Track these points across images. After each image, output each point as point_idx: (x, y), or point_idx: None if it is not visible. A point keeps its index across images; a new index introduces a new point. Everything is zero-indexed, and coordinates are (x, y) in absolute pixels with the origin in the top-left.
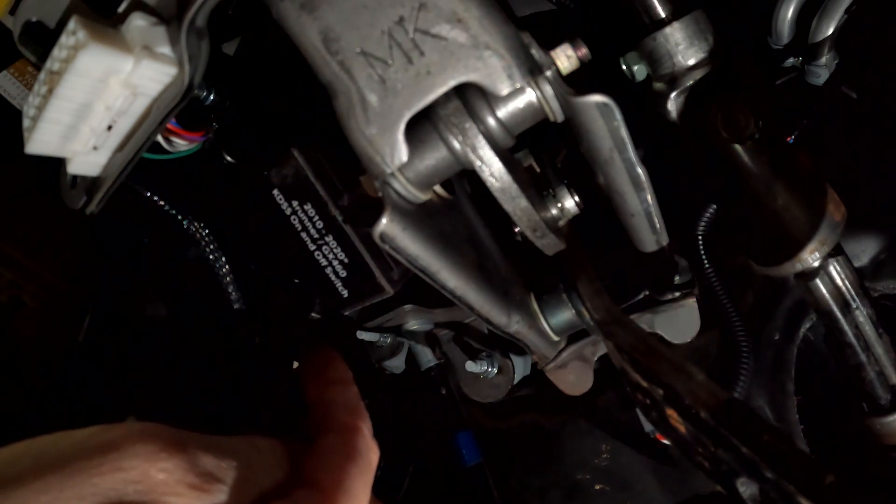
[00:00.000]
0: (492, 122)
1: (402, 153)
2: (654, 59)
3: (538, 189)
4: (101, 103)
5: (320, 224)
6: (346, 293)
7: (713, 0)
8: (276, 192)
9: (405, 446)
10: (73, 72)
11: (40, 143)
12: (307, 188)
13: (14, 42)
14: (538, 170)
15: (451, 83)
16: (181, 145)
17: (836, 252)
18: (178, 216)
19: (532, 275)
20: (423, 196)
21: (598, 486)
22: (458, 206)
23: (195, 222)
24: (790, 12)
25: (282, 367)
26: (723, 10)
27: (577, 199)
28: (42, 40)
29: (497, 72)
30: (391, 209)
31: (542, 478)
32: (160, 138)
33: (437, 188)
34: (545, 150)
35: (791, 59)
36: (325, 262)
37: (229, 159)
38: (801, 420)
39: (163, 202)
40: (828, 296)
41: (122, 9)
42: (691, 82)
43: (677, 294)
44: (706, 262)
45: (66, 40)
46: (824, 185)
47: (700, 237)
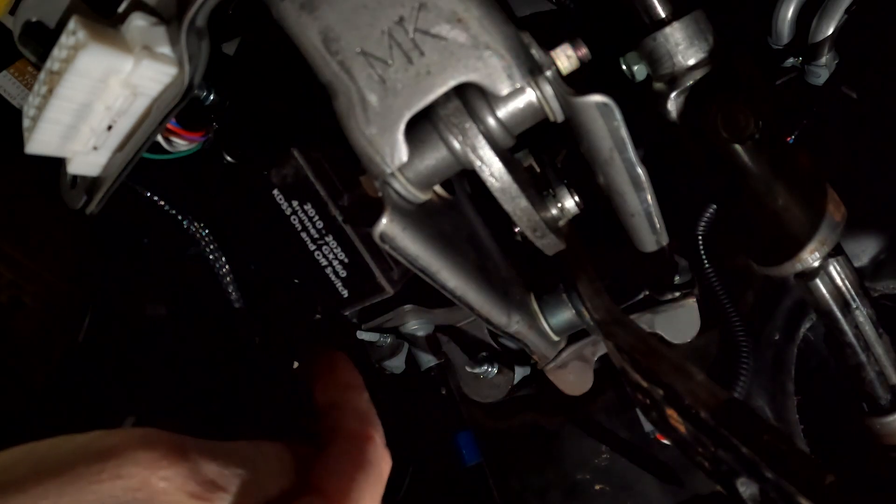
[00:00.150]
0: (492, 122)
1: (402, 153)
2: (654, 59)
3: (538, 189)
4: (101, 103)
5: (320, 224)
6: (346, 293)
7: (713, 0)
8: (276, 192)
9: (405, 446)
10: (73, 72)
11: (40, 143)
12: (307, 188)
13: (14, 42)
14: (538, 170)
15: (451, 83)
16: (181, 145)
17: (836, 252)
18: (178, 216)
19: (532, 275)
20: (423, 196)
21: (598, 486)
22: (458, 206)
23: (195, 222)
24: (790, 12)
25: (282, 367)
26: (723, 10)
27: (577, 199)
28: (42, 40)
29: (497, 72)
30: (391, 209)
31: (542, 478)
32: (160, 138)
33: (437, 188)
34: (545, 150)
35: (791, 59)
36: (325, 262)
37: (229, 159)
38: (801, 420)
39: (163, 202)
40: (828, 296)
41: (122, 9)
42: (691, 82)
43: (677, 294)
44: (706, 262)
45: (66, 40)
46: (824, 185)
47: (700, 237)
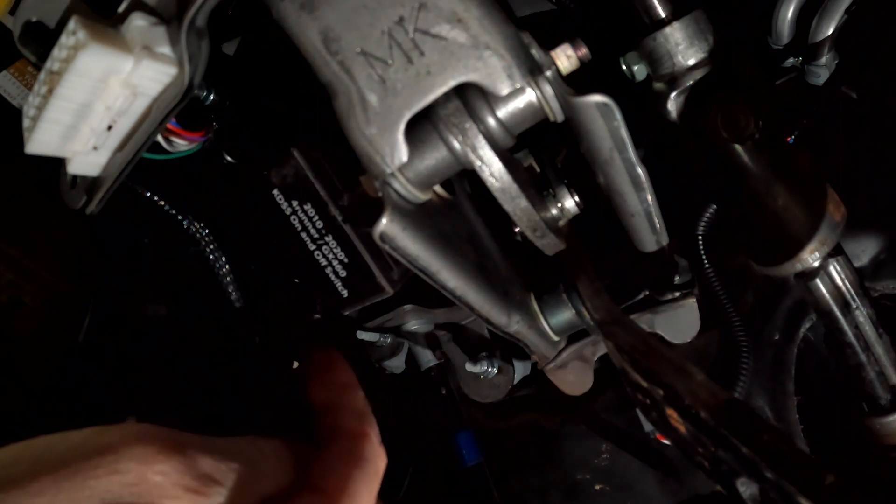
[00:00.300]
0: (492, 122)
1: (402, 153)
2: (654, 59)
3: (538, 189)
4: (101, 103)
5: (320, 224)
6: (345, 293)
7: (713, 0)
8: (276, 192)
9: (405, 446)
10: (73, 72)
11: (40, 143)
12: (307, 188)
13: (14, 42)
14: (538, 170)
15: (451, 83)
16: (181, 145)
17: (836, 252)
18: (178, 216)
19: (532, 275)
20: (423, 196)
21: (598, 486)
22: (458, 206)
23: (195, 222)
24: (790, 12)
25: (282, 367)
26: (723, 10)
27: (577, 199)
28: (42, 40)
29: (497, 72)
30: (391, 209)
31: (542, 478)
32: (160, 138)
33: (437, 188)
34: (545, 150)
35: (791, 59)
36: (324, 262)
37: (229, 159)
38: (801, 420)
39: (163, 202)
40: (828, 296)
41: (122, 9)
42: (691, 82)
43: (677, 294)
44: (706, 262)
45: (66, 40)
46: (824, 185)
47: (700, 237)
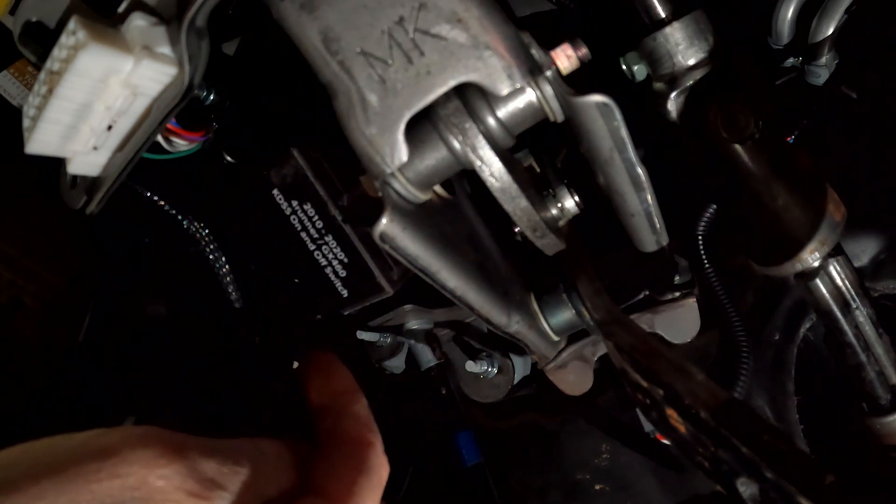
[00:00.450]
0: (492, 122)
1: (402, 153)
2: (654, 59)
3: (538, 189)
4: (101, 103)
5: (320, 224)
6: (345, 293)
7: (713, 0)
8: (275, 191)
9: (405, 446)
10: (73, 72)
11: (40, 143)
12: (307, 188)
13: (14, 42)
14: (538, 170)
15: (451, 83)
16: (181, 145)
17: (836, 252)
18: (178, 216)
19: (532, 275)
20: (423, 196)
21: (598, 486)
22: (458, 206)
23: (195, 222)
24: (790, 12)
25: (282, 367)
26: (723, 10)
27: (577, 199)
28: (42, 40)
29: (497, 72)
30: (391, 209)
31: (542, 478)
32: (160, 138)
33: (437, 188)
34: (545, 150)
35: (791, 59)
36: (324, 261)
37: (229, 159)
38: (801, 420)
39: (163, 202)
40: (828, 296)
41: (122, 9)
42: (691, 82)
43: (677, 294)
44: (706, 262)
45: (66, 40)
46: (824, 185)
47: (700, 237)
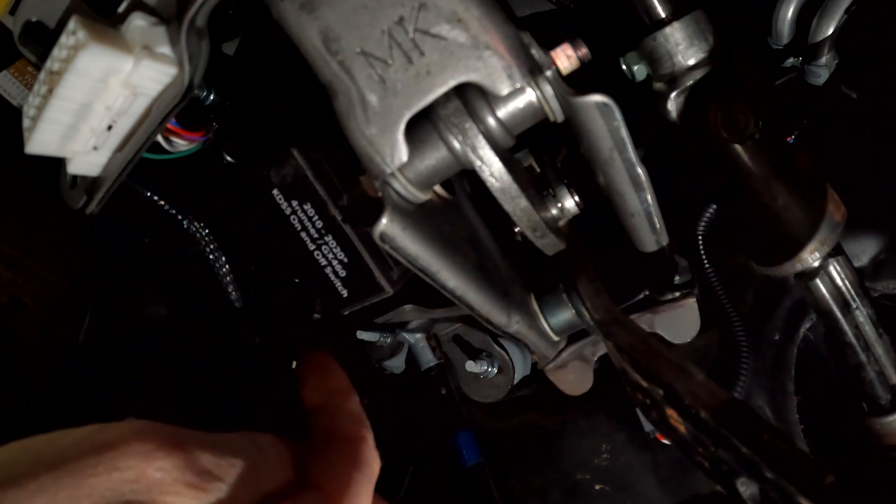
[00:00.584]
0: (492, 122)
1: (402, 153)
2: (654, 59)
3: (538, 189)
4: (101, 103)
5: (320, 224)
6: (345, 293)
7: (713, 0)
8: (275, 191)
9: (405, 446)
10: (73, 72)
11: (40, 143)
12: (307, 188)
13: (14, 42)
14: (538, 170)
15: (451, 83)
16: (181, 145)
17: (836, 252)
18: (178, 216)
19: (532, 275)
20: (423, 196)
21: (598, 486)
22: (458, 206)
23: (195, 222)
24: (790, 12)
25: (282, 367)
26: (723, 10)
27: (577, 199)
28: (42, 40)
29: (497, 72)
30: (391, 209)
31: (542, 478)
32: (160, 138)
33: (437, 188)
34: (545, 150)
35: (791, 59)
36: (324, 261)
37: (229, 159)
38: (801, 420)
39: (163, 202)
40: (828, 296)
41: (122, 9)
42: (691, 82)
43: (677, 294)
44: (706, 262)
45: (66, 40)
46: (824, 185)
47: (700, 237)
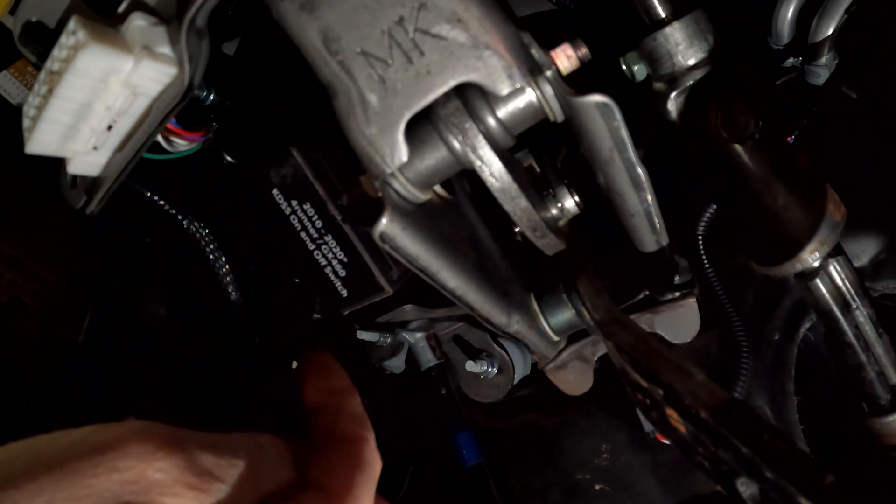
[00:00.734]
0: (492, 122)
1: (402, 153)
2: (654, 59)
3: (538, 189)
4: (101, 103)
5: (319, 224)
6: (345, 293)
7: (713, 0)
8: (275, 191)
9: (405, 446)
10: (73, 72)
11: (40, 143)
12: (306, 188)
13: (14, 42)
14: (538, 170)
15: (451, 83)
16: (181, 145)
17: (836, 252)
18: (178, 216)
19: (532, 275)
20: (423, 196)
21: (598, 486)
22: (458, 206)
23: (195, 222)
24: (790, 12)
25: (282, 367)
26: (723, 10)
27: (577, 199)
28: (42, 40)
29: (497, 72)
30: (391, 209)
31: (542, 478)
32: (160, 138)
33: (437, 188)
34: (545, 150)
35: (791, 59)
36: (324, 261)
37: (229, 159)
38: (801, 420)
39: (163, 202)
40: (828, 296)
41: (122, 9)
42: (691, 82)
43: (677, 294)
44: (706, 262)
45: (66, 40)
46: (824, 185)
47: (700, 237)
